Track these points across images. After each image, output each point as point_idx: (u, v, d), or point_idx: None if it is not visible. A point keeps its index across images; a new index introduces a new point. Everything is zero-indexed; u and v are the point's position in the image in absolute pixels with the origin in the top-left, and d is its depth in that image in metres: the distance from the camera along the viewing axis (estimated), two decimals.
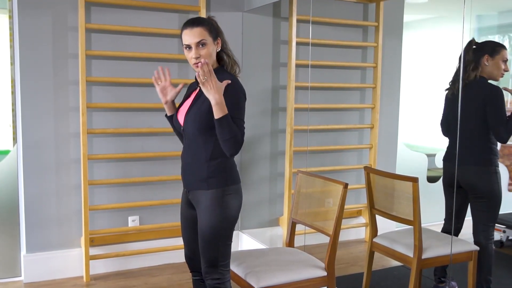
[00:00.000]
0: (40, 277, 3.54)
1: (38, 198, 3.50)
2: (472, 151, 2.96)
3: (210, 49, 2.26)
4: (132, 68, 3.68)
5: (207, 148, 2.29)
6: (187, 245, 2.50)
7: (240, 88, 2.29)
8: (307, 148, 4.06)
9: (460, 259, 2.91)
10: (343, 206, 2.50)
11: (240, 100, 2.27)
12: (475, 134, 2.96)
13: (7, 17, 3.53)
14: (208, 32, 2.26)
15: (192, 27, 2.24)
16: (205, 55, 2.24)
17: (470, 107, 2.92)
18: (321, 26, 4.16)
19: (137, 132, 3.70)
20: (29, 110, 3.43)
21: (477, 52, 2.98)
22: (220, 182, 2.29)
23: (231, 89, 2.23)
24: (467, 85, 2.93)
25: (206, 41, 2.24)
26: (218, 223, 2.27)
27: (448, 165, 3.15)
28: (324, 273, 2.52)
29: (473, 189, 2.97)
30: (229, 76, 2.30)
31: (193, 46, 2.24)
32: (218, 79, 2.20)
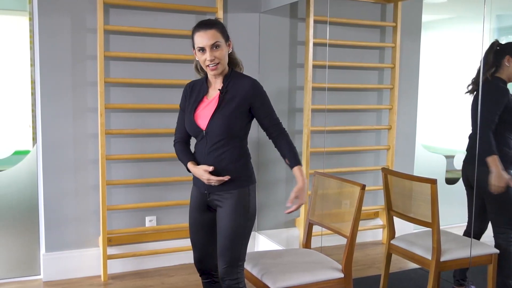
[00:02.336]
0: (58, 276, 3.58)
1: (57, 198, 3.54)
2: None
3: (224, 51, 2.29)
4: (150, 69, 3.70)
5: (233, 150, 2.34)
6: (200, 249, 2.49)
7: (262, 87, 2.38)
8: (324, 149, 4.04)
9: (479, 262, 2.87)
10: (360, 207, 2.48)
11: (266, 96, 2.38)
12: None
13: (27, 19, 3.58)
14: (221, 34, 2.30)
15: (206, 29, 2.26)
16: (219, 57, 2.27)
17: (487, 106, 2.88)
18: (338, 27, 4.14)
19: (155, 132, 3.72)
20: (49, 111, 3.47)
21: (499, 53, 2.94)
22: (245, 181, 2.36)
23: (257, 89, 2.33)
24: (485, 84, 2.89)
25: (220, 43, 2.27)
26: (243, 222, 2.32)
27: (465, 166, 3.11)
28: (341, 274, 2.50)
29: (486, 191, 2.92)
30: (247, 77, 2.37)
31: (207, 48, 2.25)
32: (238, 83, 2.32)
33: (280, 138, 2.40)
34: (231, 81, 2.32)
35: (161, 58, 3.71)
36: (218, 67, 2.29)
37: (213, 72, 2.30)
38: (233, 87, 2.31)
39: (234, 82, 2.32)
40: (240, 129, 2.33)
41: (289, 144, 2.40)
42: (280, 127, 2.40)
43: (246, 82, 2.32)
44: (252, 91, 2.31)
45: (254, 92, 2.31)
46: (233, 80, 2.33)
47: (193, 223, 2.48)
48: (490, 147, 2.82)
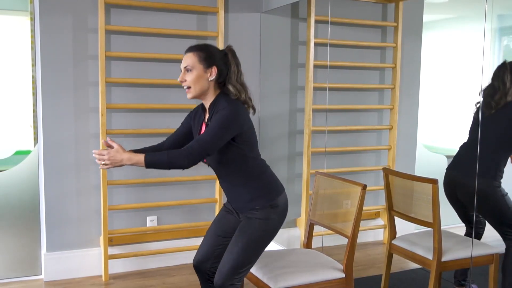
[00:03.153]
0: (60, 276, 3.58)
1: (58, 198, 3.54)
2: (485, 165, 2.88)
3: (193, 75, 2.30)
4: (151, 69, 3.70)
5: (238, 174, 2.38)
6: (206, 251, 2.51)
7: (232, 115, 2.25)
8: (325, 149, 4.04)
9: (480, 262, 2.87)
10: (361, 207, 2.48)
11: (224, 124, 2.23)
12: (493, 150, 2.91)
13: (29, 19, 3.58)
14: (199, 59, 2.30)
15: (186, 52, 2.34)
16: (189, 81, 2.30)
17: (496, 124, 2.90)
18: (340, 27, 4.14)
19: (156, 132, 3.72)
20: (50, 110, 3.48)
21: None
22: (266, 199, 2.37)
23: (222, 112, 2.25)
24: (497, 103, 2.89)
25: (191, 67, 2.30)
26: (257, 237, 2.34)
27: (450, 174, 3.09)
28: (342, 275, 2.51)
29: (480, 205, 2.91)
30: (227, 104, 2.27)
31: (182, 70, 2.33)
32: (218, 107, 2.27)
33: (175, 151, 2.24)
34: (214, 110, 2.31)
35: (162, 58, 3.71)
36: (190, 90, 2.32)
37: (187, 95, 2.35)
38: (214, 115, 2.29)
39: (216, 110, 2.30)
40: (232, 156, 2.33)
41: (172, 156, 2.19)
42: (194, 145, 2.20)
43: (221, 108, 2.28)
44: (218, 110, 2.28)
45: (217, 112, 2.27)
46: (216, 108, 2.31)
47: (216, 225, 2.56)
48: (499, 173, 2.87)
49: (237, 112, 2.27)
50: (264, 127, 4.10)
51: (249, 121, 2.35)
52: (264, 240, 2.38)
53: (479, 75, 2.93)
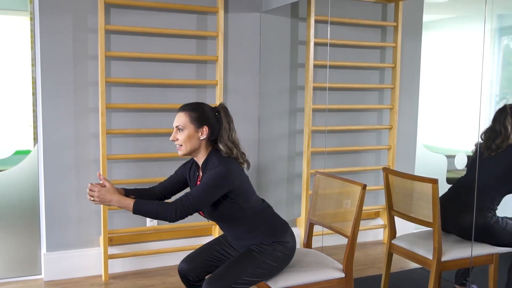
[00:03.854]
0: (59, 276, 3.58)
1: (58, 198, 3.54)
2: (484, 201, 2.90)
3: (184, 134, 2.34)
4: (151, 69, 3.70)
5: (239, 225, 2.41)
6: (195, 261, 2.51)
7: (224, 174, 2.26)
8: (325, 149, 4.05)
9: (480, 262, 2.87)
10: (361, 207, 2.48)
11: (214, 182, 2.25)
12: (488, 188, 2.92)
13: (29, 19, 3.58)
14: (190, 119, 2.34)
15: (179, 111, 2.38)
16: (181, 140, 2.34)
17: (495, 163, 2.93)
18: (339, 27, 4.14)
19: (156, 132, 3.73)
20: (50, 110, 3.48)
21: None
22: (270, 242, 2.38)
23: (214, 170, 2.27)
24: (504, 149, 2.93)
25: (182, 127, 2.34)
26: (270, 265, 2.35)
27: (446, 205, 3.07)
28: (342, 274, 2.51)
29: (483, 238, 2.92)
30: (219, 163, 2.29)
31: (174, 129, 2.37)
32: (210, 166, 2.31)
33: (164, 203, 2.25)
34: (206, 169, 2.34)
35: (162, 58, 3.71)
36: (181, 148, 2.36)
37: (178, 152, 2.38)
38: (206, 174, 2.32)
39: (208, 169, 2.33)
40: (228, 211, 2.35)
41: (161, 208, 2.21)
42: (183, 201, 2.22)
43: (212, 167, 2.30)
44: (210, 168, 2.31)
45: (209, 170, 2.30)
46: (208, 167, 2.34)
47: (216, 244, 2.57)
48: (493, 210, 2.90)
49: (228, 170, 2.28)
50: (264, 127, 4.10)
51: (241, 176, 2.35)
52: (269, 269, 2.35)
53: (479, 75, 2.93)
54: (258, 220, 2.40)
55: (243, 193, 2.35)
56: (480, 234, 2.83)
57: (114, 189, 2.26)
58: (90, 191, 2.23)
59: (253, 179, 2.49)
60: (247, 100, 4.00)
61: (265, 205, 2.47)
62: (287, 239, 2.41)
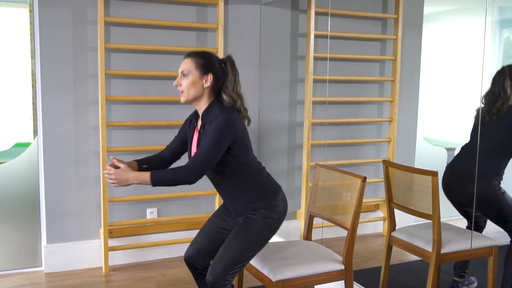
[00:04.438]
0: (60, 268, 3.59)
1: (58, 190, 3.55)
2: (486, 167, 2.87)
3: (189, 80, 2.32)
4: (151, 61, 3.69)
5: (235, 181, 2.40)
6: (198, 246, 2.53)
7: (227, 123, 2.26)
8: (325, 141, 4.04)
9: (480, 254, 2.87)
10: (361, 199, 2.49)
11: (220, 134, 2.24)
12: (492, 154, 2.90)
13: (28, 11, 3.57)
14: (196, 65, 2.33)
15: (185, 57, 2.38)
16: (184, 86, 2.33)
17: (497, 127, 2.89)
18: (340, 19, 4.13)
19: (155, 124, 3.72)
20: (50, 103, 3.47)
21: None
22: (265, 201, 2.39)
23: (216, 121, 2.26)
24: (505, 112, 2.89)
25: (186, 72, 2.33)
26: (260, 236, 2.36)
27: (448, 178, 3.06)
28: (341, 266, 2.51)
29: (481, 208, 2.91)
30: (220, 112, 2.29)
31: (179, 73, 2.36)
32: (211, 116, 2.29)
33: (179, 167, 2.25)
34: (207, 118, 2.33)
35: (162, 50, 3.70)
36: (183, 94, 2.35)
37: (180, 98, 2.37)
38: (208, 123, 2.32)
39: (209, 119, 2.32)
40: (227, 163, 2.33)
41: (176, 173, 2.22)
42: (195, 160, 2.23)
43: (214, 116, 2.29)
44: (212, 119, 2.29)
45: (211, 121, 2.28)
46: (209, 116, 2.33)
47: (210, 224, 2.58)
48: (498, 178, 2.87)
49: (231, 119, 2.28)
50: (264, 119, 4.09)
51: (243, 127, 2.36)
52: (263, 239, 2.39)
53: (480, 67, 2.93)
54: (252, 178, 2.41)
55: (243, 146, 2.35)
56: (483, 204, 2.82)
57: (129, 168, 2.27)
58: (108, 175, 2.24)
59: None
60: (247, 93, 3.94)
61: (261, 166, 2.48)
62: (277, 203, 2.42)
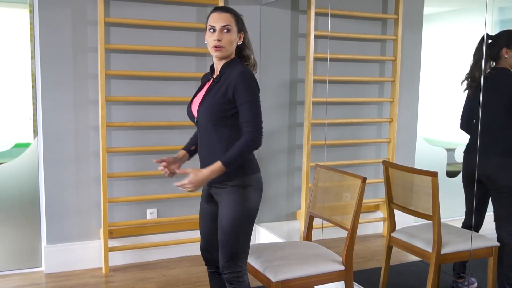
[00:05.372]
0: (60, 268, 3.59)
1: (58, 190, 3.55)
2: (494, 142, 2.88)
3: (232, 37, 2.28)
4: (150, 62, 3.69)
5: (221, 140, 2.29)
6: (204, 239, 2.50)
7: (252, 77, 2.29)
8: (325, 142, 4.04)
9: (480, 254, 2.87)
10: (361, 200, 2.49)
11: (251, 88, 2.25)
12: (498, 125, 2.89)
13: (28, 12, 3.57)
14: (235, 21, 2.29)
15: (221, 12, 2.29)
16: (226, 41, 2.25)
17: (494, 98, 2.85)
18: (340, 19, 4.13)
19: (155, 125, 3.72)
20: (49, 103, 3.47)
21: (493, 46, 2.91)
22: (240, 173, 2.28)
23: (242, 76, 2.23)
24: (488, 77, 2.86)
25: (231, 27, 2.26)
26: (239, 216, 2.27)
27: (468, 157, 3.09)
28: (341, 267, 2.51)
29: (494, 183, 2.91)
30: (242, 68, 2.29)
31: (217, 28, 2.25)
32: (231, 73, 2.26)
33: (240, 141, 2.23)
34: (227, 70, 2.30)
35: (162, 51, 3.70)
36: (222, 50, 2.26)
37: (215, 53, 2.28)
38: (226, 75, 2.28)
39: (229, 71, 2.29)
40: (227, 117, 2.26)
41: (240, 145, 2.21)
42: (249, 127, 2.22)
43: (236, 70, 2.26)
44: (237, 78, 2.24)
45: (238, 79, 2.23)
46: (228, 69, 2.30)
47: (201, 212, 2.51)
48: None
49: (253, 75, 2.31)
50: (264, 119, 4.08)
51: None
52: (248, 219, 2.30)
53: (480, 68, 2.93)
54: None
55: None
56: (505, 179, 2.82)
57: (196, 169, 2.25)
58: (183, 187, 2.22)
59: None
60: None
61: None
62: (252, 182, 2.31)
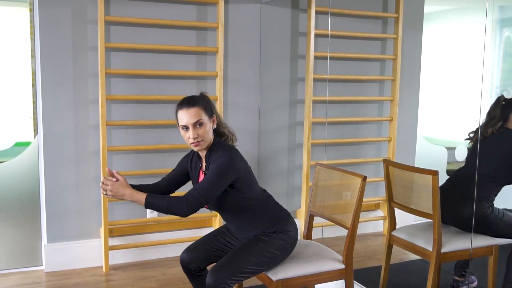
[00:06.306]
0: (60, 267, 3.59)
1: (58, 189, 3.55)
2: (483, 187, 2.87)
3: (207, 127, 2.30)
4: (151, 60, 3.69)
5: (242, 215, 2.40)
6: (196, 252, 2.51)
7: (229, 162, 2.26)
8: (325, 140, 4.04)
9: (480, 253, 2.87)
10: (361, 199, 2.49)
11: (221, 172, 2.24)
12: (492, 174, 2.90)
13: (28, 10, 3.57)
14: (204, 110, 2.30)
15: (188, 108, 2.27)
16: (202, 135, 2.28)
17: (492, 154, 2.90)
18: (340, 18, 4.12)
19: (156, 124, 3.72)
20: (50, 102, 3.47)
21: (506, 107, 2.95)
22: (275, 229, 2.40)
23: (219, 160, 2.26)
24: (493, 134, 2.91)
25: (202, 120, 2.28)
26: (268, 257, 2.35)
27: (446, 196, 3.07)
28: (341, 266, 2.51)
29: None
30: (223, 152, 2.29)
31: (190, 126, 2.27)
32: (214, 156, 2.28)
33: (175, 197, 2.22)
34: (211, 159, 2.33)
35: (162, 49, 3.70)
36: (201, 143, 2.30)
37: (196, 148, 2.33)
38: (213, 162, 2.30)
39: (212, 158, 2.32)
40: (232, 200, 2.34)
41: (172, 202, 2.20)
42: (193, 195, 2.21)
43: (217, 155, 2.29)
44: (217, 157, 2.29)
45: (216, 159, 2.27)
46: (212, 156, 2.33)
47: (217, 234, 2.57)
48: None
49: (232, 159, 2.27)
50: (264, 118, 4.09)
51: (244, 164, 2.37)
52: (274, 258, 2.37)
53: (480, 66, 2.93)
54: (261, 210, 2.41)
55: (246, 182, 2.36)
56: (477, 225, 2.83)
57: (126, 183, 2.25)
58: (103, 185, 2.23)
59: (254, 171, 2.50)
60: (247, 92, 3.99)
61: (267, 195, 2.49)
62: (289, 228, 2.42)
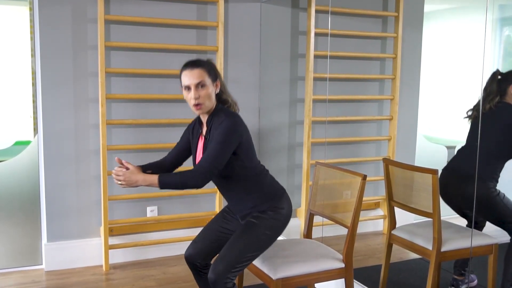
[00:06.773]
0: (60, 266, 3.59)
1: (58, 188, 3.55)
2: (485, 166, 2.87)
3: (209, 90, 2.30)
4: (151, 59, 3.69)
5: (240, 185, 2.40)
6: (198, 246, 2.52)
7: (232, 126, 2.28)
8: (325, 139, 4.04)
9: (480, 252, 2.87)
10: (361, 198, 2.49)
11: (226, 137, 2.25)
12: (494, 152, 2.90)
13: (28, 9, 3.57)
14: (208, 73, 2.30)
15: (192, 68, 2.29)
16: (204, 96, 2.28)
17: (493, 127, 2.88)
18: (340, 17, 4.12)
19: (156, 122, 3.72)
20: (50, 101, 3.47)
21: (502, 82, 2.94)
22: (270, 203, 2.40)
23: (222, 125, 2.27)
24: (491, 110, 2.89)
25: (205, 82, 2.28)
26: (265, 237, 2.37)
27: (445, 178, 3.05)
28: (341, 264, 2.51)
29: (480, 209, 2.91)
30: (225, 117, 2.30)
31: (192, 87, 2.28)
32: (217, 121, 2.29)
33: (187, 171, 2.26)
34: (213, 123, 2.33)
35: (162, 48, 3.69)
36: (202, 107, 2.31)
37: (197, 111, 2.34)
38: (214, 127, 2.32)
39: (215, 122, 2.32)
40: (232, 167, 2.34)
41: (185, 175, 2.24)
42: (205, 162, 2.23)
43: (220, 120, 2.30)
44: (219, 127, 2.29)
45: (219, 125, 2.28)
46: (214, 121, 2.33)
47: (214, 224, 2.57)
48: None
49: (235, 123, 2.29)
50: (264, 117, 4.09)
51: (246, 130, 2.37)
52: (267, 240, 2.39)
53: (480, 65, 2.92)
54: (257, 182, 2.42)
55: (247, 150, 2.36)
56: (480, 206, 2.81)
57: (138, 169, 2.29)
58: (116, 176, 2.26)
59: None
60: (247, 91, 3.99)
61: (264, 169, 2.50)
62: (282, 205, 2.43)
